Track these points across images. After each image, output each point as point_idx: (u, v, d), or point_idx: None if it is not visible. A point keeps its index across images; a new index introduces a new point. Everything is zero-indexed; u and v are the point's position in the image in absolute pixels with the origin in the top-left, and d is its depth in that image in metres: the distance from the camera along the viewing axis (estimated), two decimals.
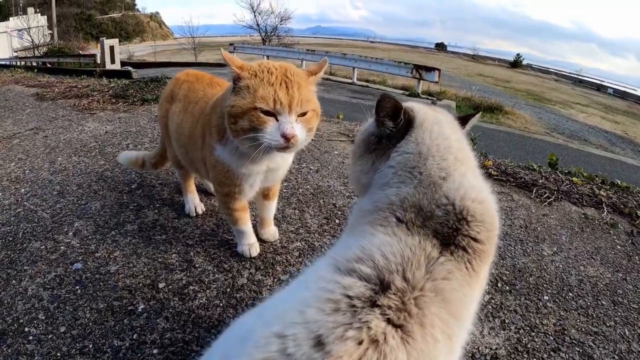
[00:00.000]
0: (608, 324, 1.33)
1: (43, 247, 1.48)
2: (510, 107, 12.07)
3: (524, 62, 41.13)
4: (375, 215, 0.66)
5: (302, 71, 1.10)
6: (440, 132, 0.72)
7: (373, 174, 0.74)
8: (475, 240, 0.61)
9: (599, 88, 29.80)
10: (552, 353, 1.19)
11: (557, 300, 1.42)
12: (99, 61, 12.29)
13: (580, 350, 1.21)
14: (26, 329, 1.13)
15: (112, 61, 12.34)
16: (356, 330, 0.49)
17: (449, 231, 0.61)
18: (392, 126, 0.73)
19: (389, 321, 0.51)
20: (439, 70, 9.69)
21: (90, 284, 1.30)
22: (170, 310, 1.22)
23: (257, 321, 0.56)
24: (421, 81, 9.67)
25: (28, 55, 17.40)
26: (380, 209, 0.66)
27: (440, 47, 55.53)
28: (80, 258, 1.42)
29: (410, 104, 0.77)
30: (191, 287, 1.31)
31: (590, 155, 6.66)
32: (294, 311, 0.53)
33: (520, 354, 1.18)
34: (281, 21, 20.06)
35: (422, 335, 0.52)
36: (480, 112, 0.86)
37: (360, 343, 0.49)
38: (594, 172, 2.76)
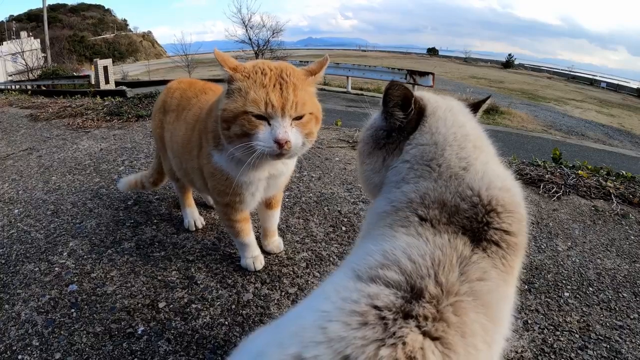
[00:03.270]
0: (632, 317, 1.29)
1: (37, 268, 1.41)
2: (506, 107, 12.10)
3: (516, 62, 41.54)
4: (394, 216, 0.60)
5: (301, 71, 1.04)
6: (455, 119, 0.67)
7: (385, 171, 0.68)
8: (507, 233, 0.56)
9: (592, 83, 30.07)
10: (579, 351, 1.14)
11: (577, 296, 1.37)
12: (93, 82, 12.31)
13: (608, 346, 1.16)
14: (19, 357, 1.06)
15: (107, 81, 12.38)
16: (390, 347, 0.43)
17: (479, 226, 0.56)
18: (403, 117, 0.67)
19: (425, 334, 0.45)
20: (433, 74, 9.72)
21: (86, 306, 1.23)
22: (172, 331, 1.14)
23: (270, 342, 0.49)
24: (416, 86, 9.69)
25: (22, 79, 17.46)
26: (399, 209, 0.60)
27: (432, 52, 56.08)
28: (75, 279, 1.35)
29: (419, 93, 0.72)
30: (193, 306, 1.24)
31: (589, 150, 6.65)
32: (313, 328, 0.45)
33: (547, 355, 1.12)
34: (273, 34, 20.18)
35: (464, 347, 0.46)
36: (491, 96, 0.81)
37: None
38: (595, 165, 2.72)
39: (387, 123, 0.70)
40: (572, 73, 36.44)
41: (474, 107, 0.76)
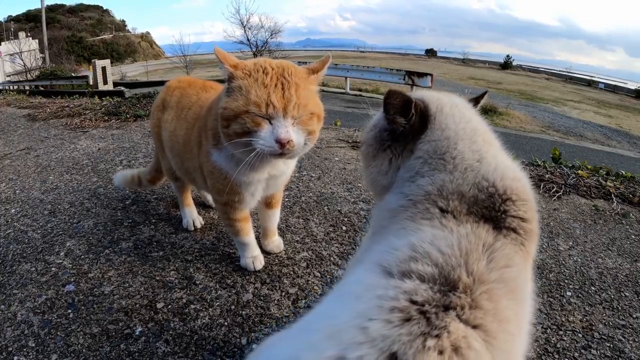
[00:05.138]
0: (634, 316, 1.29)
1: (33, 268, 1.39)
2: (504, 107, 12.13)
3: (514, 63, 41.63)
4: (413, 209, 0.60)
5: (303, 70, 1.02)
6: (461, 115, 0.68)
7: (393, 172, 0.68)
8: (523, 220, 0.57)
9: (590, 84, 30.16)
10: (582, 351, 1.13)
11: (580, 295, 1.36)
12: (91, 82, 12.27)
13: (611, 346, 1.16)
14: (15, 358, 1.04)
15: (105, 82, 12.33)
16: (435, 338, 0.43)
17: (497, 214, 0.57)
18: (405, 122, 0.68)
19: (466, 323, 0.45)
20: (431, 75, 9.71)
21: (83, 307, 1.22)
22: (171, 332, 1.13)
23: (301, 346, 0.47)
24: (414, 87, 9.69)
25: (20, 80, 17.39)
26: (416, 201, 0.60)
27: (431, 53, 56.17)
28: (72, 279, 1.33)
29: (419, 94, 0.72)
30: (192, 306, 1.23)
31: (588, 150, 6.67)
32: (352, 329, 0.44)
33: (550, 354, 1.11)
34: (271, 35, 20.17)
35: (502, 333, 0.46)
36: (487, 91, 0.83)
37: (441, 352, 0.42)
38: (594, 165, 2.73)
39: (390, 127, 0.70)
40: (570, 74, 36.55)
41: (474, 102, 0.77)
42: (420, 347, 0.42)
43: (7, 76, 19.72)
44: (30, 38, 25.28)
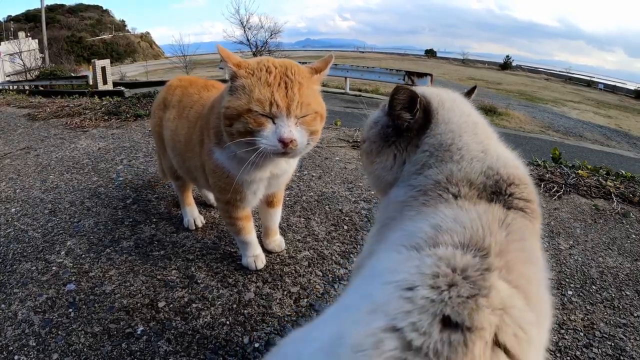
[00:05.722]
0: (635, 315, 1.29)
1: (34, 268, 1.39)
2: (504, 108, 12.14)
3: (514, 64, 41.66)
4: (424, 197, 0.62)
5: (306, 69, 1.02)
6: (461, 109, 0.72)
7: (398, 168, 0.70)
8: (528, 201, 0.61)
9: (590, 84, 30.20)
10: (584, 349, 1.13)
11: (581, 294, 1.36)
12: (91, 82, 12.25)
13: (612, 344, 1.16)
14: (16, 357, 1.04)
15: (105, 82, 12.30)
16: (485, 297, 0.44)
17: (505, 197, 0.60)
18: (410, 117, 0.70)
19: (510, 283, 0.47)
20: (431, 75, 9.70)
21: (84, 306, 1.21)
22: (172, 331, 1.13)
23: (343, 324, 0.47)
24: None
25: (20, 80, 17.37)
26: (427, 190, 0.62)
27: (430, 53, 56.15)
28: (73, 278, 1.33)
29: (420, 90, 0.74)
30: (194, 305, 1.22)
31: (588, 150, 6.68)
32: (395, 300, 0.45)
33: (552, 353, 1.11)
34: (271, 35, 20.15)
35: (536, 294, 0.49)
36: (476, 86, 0.87)
37: (493, 310, 0.44)
38: (594, 166, 2.73)
39: (394, 123, 0.71)
40: (569, 74, 36.59)
41: (466, 97, 0.81)
42: (474, 306, 0.43)
43: (6, 76, 19.71)
44: (30, 38, 25.27)
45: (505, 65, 40.19)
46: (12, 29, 28.38)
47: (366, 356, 0.41)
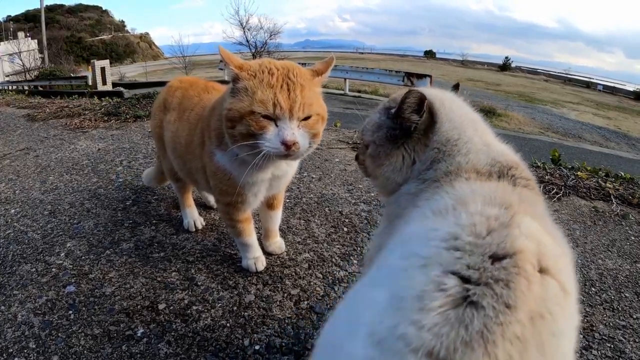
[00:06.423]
0: (635, 316, 1.29)
1: (34, 269, 1.39)
2: (503, 109, 12.16)
3: (513, 65, 41.74)
4: (438, 183, 0.65)
5: (307, 71, 1.03)
6: (460, 107, 0.76)
7: (407, 168, 0.72)
8: (527, 179, 0.66)
9: (589, 85, 30.27)
10: (583, 351, 1.13)
11: (580, 296, 1.36)
12: (90, 83, 12.23)
13: (612, 346, 1.16)
14: None
15: (104, 82, 12.28)
16: (520, 230, 0.50)
17: (509, 178, 0.65)
18: (418, 119, 0.72)
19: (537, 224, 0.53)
20: (430, 76, 9.69)
21: (84, 308, 1.21)
22: (173, 334, 1.13)
23: (395, 285, 0.49)
24: None
25: (20, 80, 17.34)
26: (439, 178, 0.66)
27: (429, 54, 56.22)
28: (73, 280, 1.33)
29: (420, 90, 0.75)
30: (194, 307, 1.22)
31: (587, 152, 6.68)
32: (444, 252, 0.49)
33: None
34: (270, 36, 20.16)
35: (562, 248, 0.54)
36: (459, 83, 0.91)
37: (529, 238, 0.49)
38: (594, 167, 2.73)
39: (402, 125, 0.73)
40: (568, 75, 36.67)
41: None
42: (514, 237, 0.49)
43: (6, 76, 19.69)
44: (30, 38, 25.25)
45: (505, 67, 40.27)
46: (11, 29, 28.36)
47: (431, 299, 0.44)
